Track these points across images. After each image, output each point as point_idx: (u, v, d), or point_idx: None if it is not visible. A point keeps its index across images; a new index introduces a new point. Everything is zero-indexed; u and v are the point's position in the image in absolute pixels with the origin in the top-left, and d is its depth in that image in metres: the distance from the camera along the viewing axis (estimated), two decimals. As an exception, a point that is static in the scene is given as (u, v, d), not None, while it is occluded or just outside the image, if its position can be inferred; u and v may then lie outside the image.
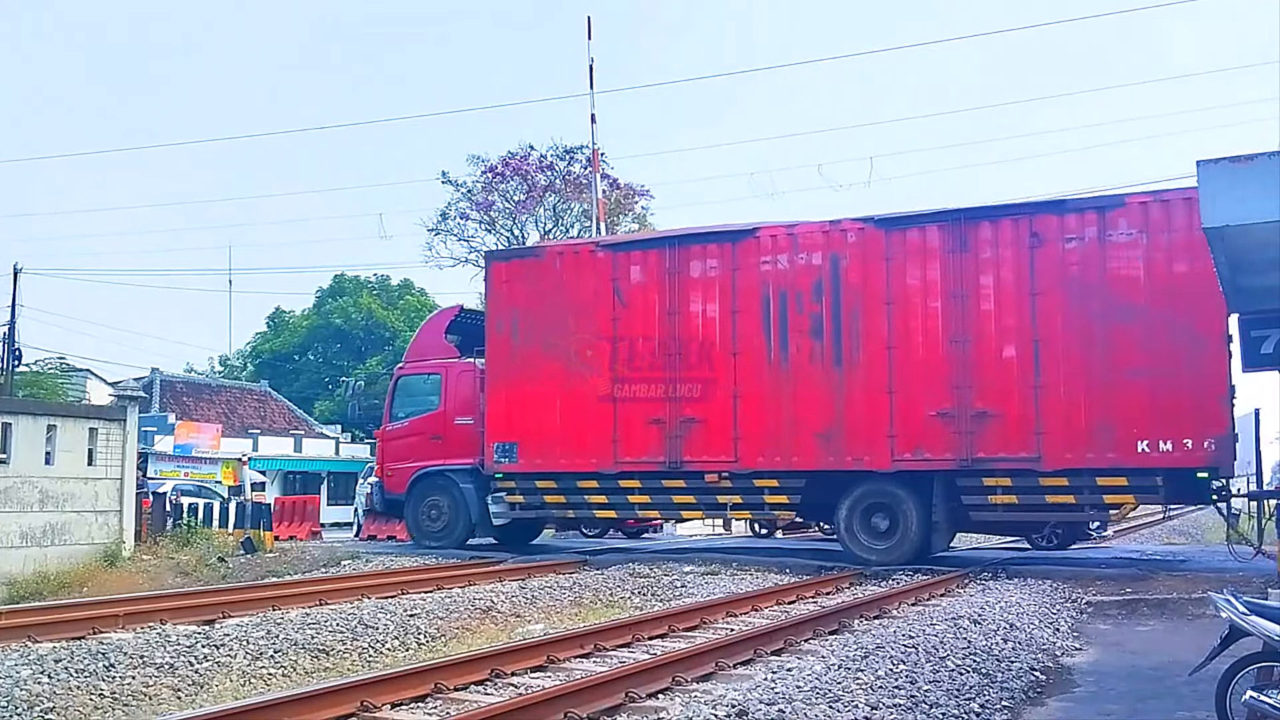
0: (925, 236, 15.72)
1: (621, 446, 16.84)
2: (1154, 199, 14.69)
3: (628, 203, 36.92)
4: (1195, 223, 12.73)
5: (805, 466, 16.07)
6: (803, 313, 16.15)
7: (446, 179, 37.80)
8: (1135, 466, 14.37)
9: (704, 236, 17.16)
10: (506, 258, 18.78)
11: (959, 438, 15.12)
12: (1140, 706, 7.41)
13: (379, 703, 6.98)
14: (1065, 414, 14.69)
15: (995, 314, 15.20)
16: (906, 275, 15.71)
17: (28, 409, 15.92)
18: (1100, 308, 14.65)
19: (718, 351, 16.59)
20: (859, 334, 15.82)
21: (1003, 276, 15.22)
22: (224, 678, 8.41)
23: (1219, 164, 7.05)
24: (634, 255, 17.58)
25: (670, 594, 13.49)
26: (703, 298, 16.80)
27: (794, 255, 16.35)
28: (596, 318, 17.37)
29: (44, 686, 7.64)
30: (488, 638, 10.53)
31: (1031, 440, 14.81)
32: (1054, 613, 11.42)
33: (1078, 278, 14.83)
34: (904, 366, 15.55)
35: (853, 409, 15.77)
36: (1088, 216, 14.96)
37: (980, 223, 15.47)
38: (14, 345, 32.96)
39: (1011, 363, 15.08)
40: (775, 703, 6.58)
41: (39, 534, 15.30)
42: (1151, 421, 14.19)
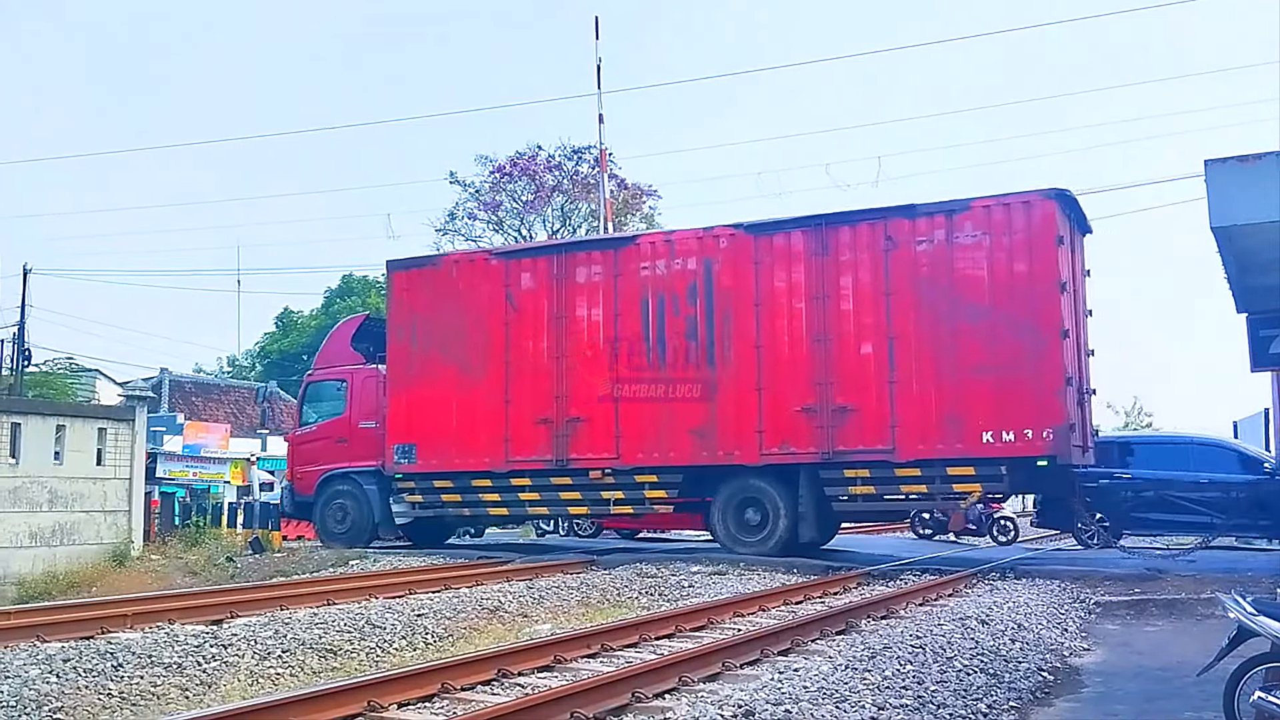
0: (790, 241, 16.45)
1: (512, 446, 17.51)
2: (996, 202, 15.39)
3: (635, 203, 36.92)
4: (1034, 225, 15.04)
5: (682, 462, 16.74)
6: (679, 315, 16.90)
7: (454, 179, 37.87)
8: (981, 456, 15.10)
9: (589, 244, 18.37)
10: (406, 267, 19.37)
11: (821, 432, 15.86)
12: (1148, 707, 7.39)
13: (386, 702, 6.99)
14: (917, 408, 15.43)
15: (854, 314, 15.95)
16: (774, 278, 16.46)
17: (37, 409, 15.97)
18: (948, 307, 15.39)
19: (601, 353, 17.32)
20: (730, 335, 16.57)
21: (860, 278, 15.96)
22: (232, 677, 8.43)
23: (1226, 163, 7.04)
24: (525, 263, 18.28)
25: (677, 594, 13.49)
26: (588, 302, 17.54)
27: (671, 261, 17.12)
28: (490, 323, 18.06)
29: (52, 686, 7.66)
30: (495, 637, 10.54)
31: (887, 433, 15.53)
32: (1062, 613, 11.39)
33: (928, 278, 15.56)
34: (771, 365, 16.27)
35: (725, 406, 16.49)
36: (936, 220, 15.65)
37: (840, 227, 16.22)
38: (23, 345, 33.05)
39: (869, 360, 15.81)
40: (782, 703, 6.58)
41: (48, 534, 15.36)
42: (995, 414, 14.96)
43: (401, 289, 19.08)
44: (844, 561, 16.09)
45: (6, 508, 14.86)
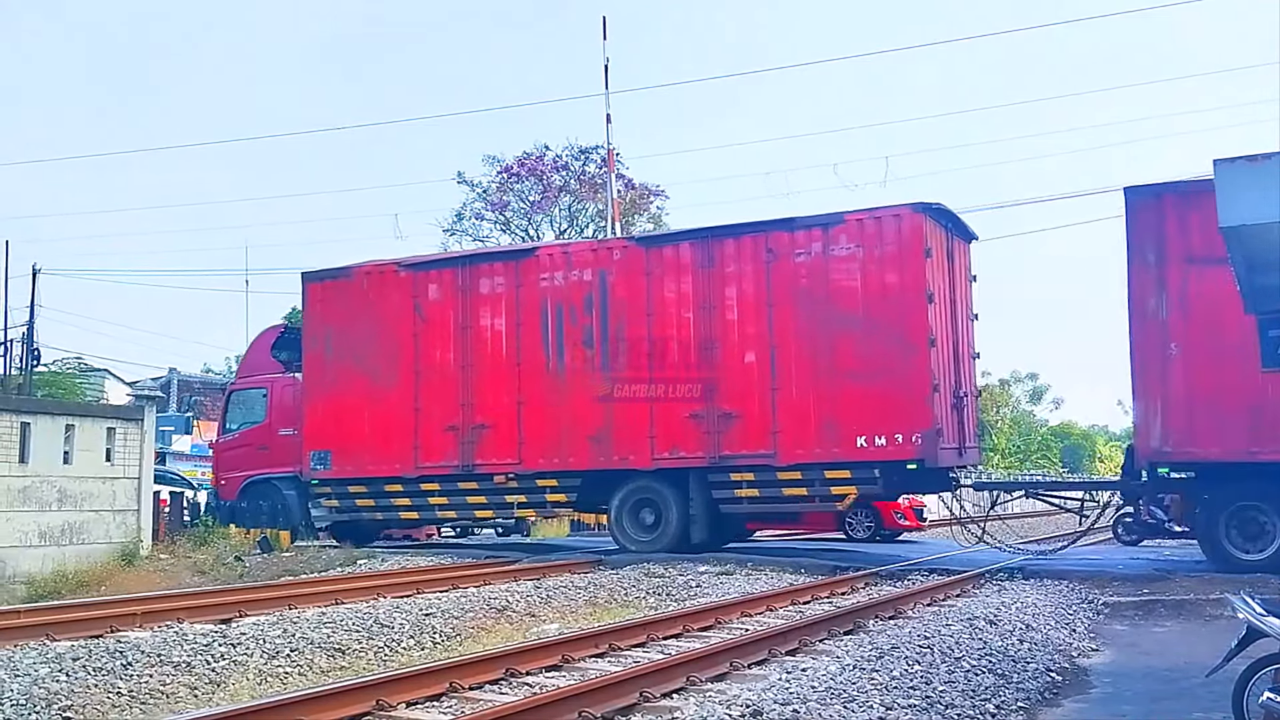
0: (679, 253, 17.17)
1: (422, 452, 18.11)
2: (868, 216, 16.11)
3: (643, 203, 36.86)
4: (903, 238, 15.77)
5: (580, 466, 17.38)
6: (576, 324, 17.55)
7: (462, 179, 37.84)
8: (856, 460, 15.83)
9: (491, 256, 19.11)
10: (320, 278, 19.79)
11: (709, 437, 16.54)
12: (1156, 708, 7.38)
13: (394, 701, 7.00)
14: (797, 414, 16.13)
15: (738, 323, 16.62)
16: (664, 289, 17.12)
17: (46, 409, 16.04)
18: (825, 316, 16.06)
19: (504, 361, 17.93)
20: (624, 343, 17.21)
21: (744, 289, 16.63)
22: (240, 676, 8.45)
23: (1235, 163, 7.00)
24: (431, 274, 18.84)
25: (685, 594, 13.49)
26: (491, 312, 18.19)
27: (569, 272, 17.79)
28: (400, 333, 18.63)
29: (62, 684, 7.69)
30: (503, 637, 10.55)
31: (769, 438, 16.23)
32: (1070, 613, 11.38)
33: (806, 289, 16.24)
34: (663, 373, 16.95)
35: (620, 412, 17.14)
36: (814, 233, 16.35)
37: (725, 240, 16.90)
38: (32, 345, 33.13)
39: (752, 367, 16.48)
40: (790, 703, 6.58)
41: (57, 533, 15.40)
42: (869, 419, 15.66)
43: (316, 300, 19.59)
44: (850, 562, 16.10)
45: (16, 507, 14.91)
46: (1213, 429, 14.13)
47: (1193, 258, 14.12)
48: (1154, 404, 14.55)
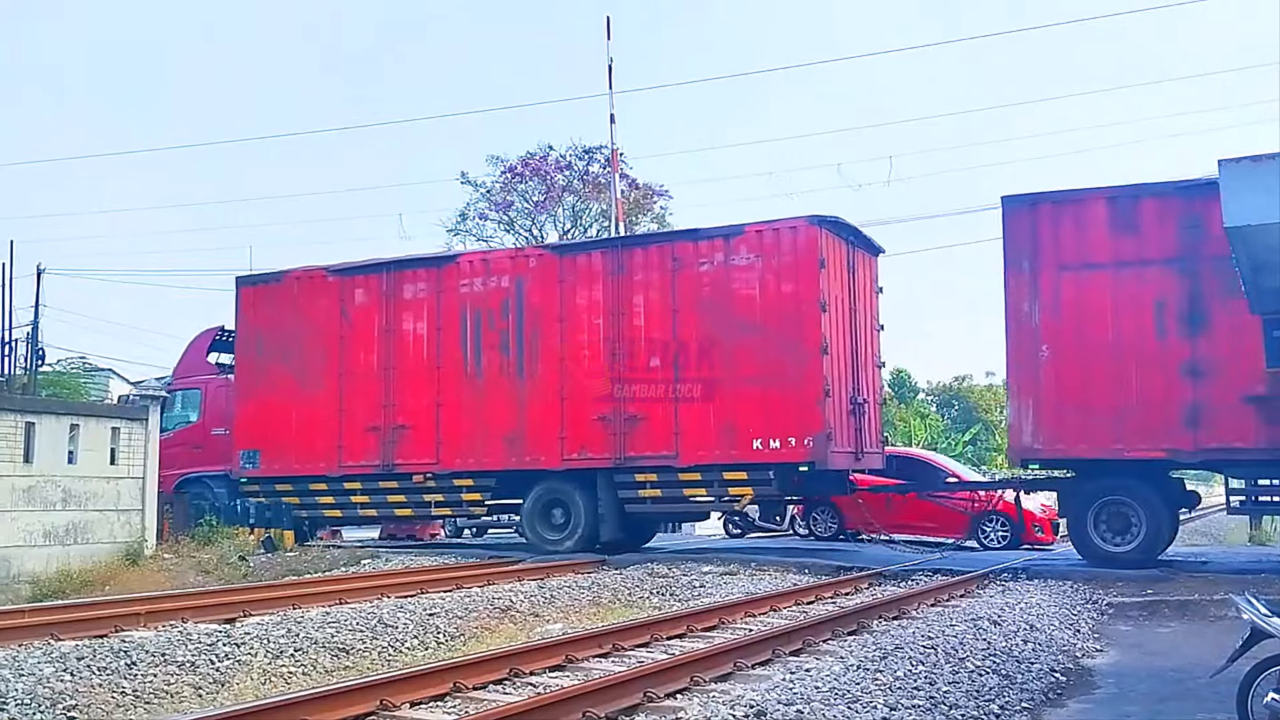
0: (591, 261, 17.92)
1: (345, 452, 18.71)
2: (767, 228, 16.80)
3: (646, 203, 36.84)
4: (799, 249, 16.50)
5: (495, 466, 18.08)
6: (493, 329, 18.25)
7: (465, 179, 37.85)
8: (752, 462, 16.46)
9: (414, 262, 19.49)
10: (253, 283, 20.54)
11: (615, 439, 17.23)
12: (1161, 708, 7.37)
13: (398, 701, 7.01)
14: (698, 417, 16.82)
15: (645, 329, 17.32)
16: (577, 295, 17.83)
17: (50, 408, 16.03)
18: (726, 323, 16.76)
19: (425, 364, 18.59)
20: (538, 348, 17.94)
21: (651, 297, 17.36)
22: (245, 676, 8.45)
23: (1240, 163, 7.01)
24: (358, 279, 19.46)
25: (688, 594, 13.49)
26: (413, 317, 18.89)
27: (487, 279, 18.49)
28: (326, 336, 19.31)
29: (66, 684, 7.70)
30: (506, 637, 10.55)
31: (672, 440, 16.92)
32: (1074, 614, 11.37)
33: (709, 297, 16.95)
34: (573, 376, 17.66)
35: (532, 414, 17.85)
36: (716, 243, 17.05)
37: (635, 249, 17.86)
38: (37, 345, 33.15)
39: (657, 372, 17.18)
40: (794, 703, 6.58)
41: (62, 532, 15.41)
42: (765, 422, 16.31)
43: (248, 304, 20.21)
44: (855, 562, 16.10)
45: (21, 507, 14.92)
46: (1080, 427, 14.80)
47: (1064, 264, 14.99)
48: (1026, 403, 15.19)
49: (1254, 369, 13.49)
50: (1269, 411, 13.82)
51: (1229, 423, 14.04)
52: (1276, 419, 13.79)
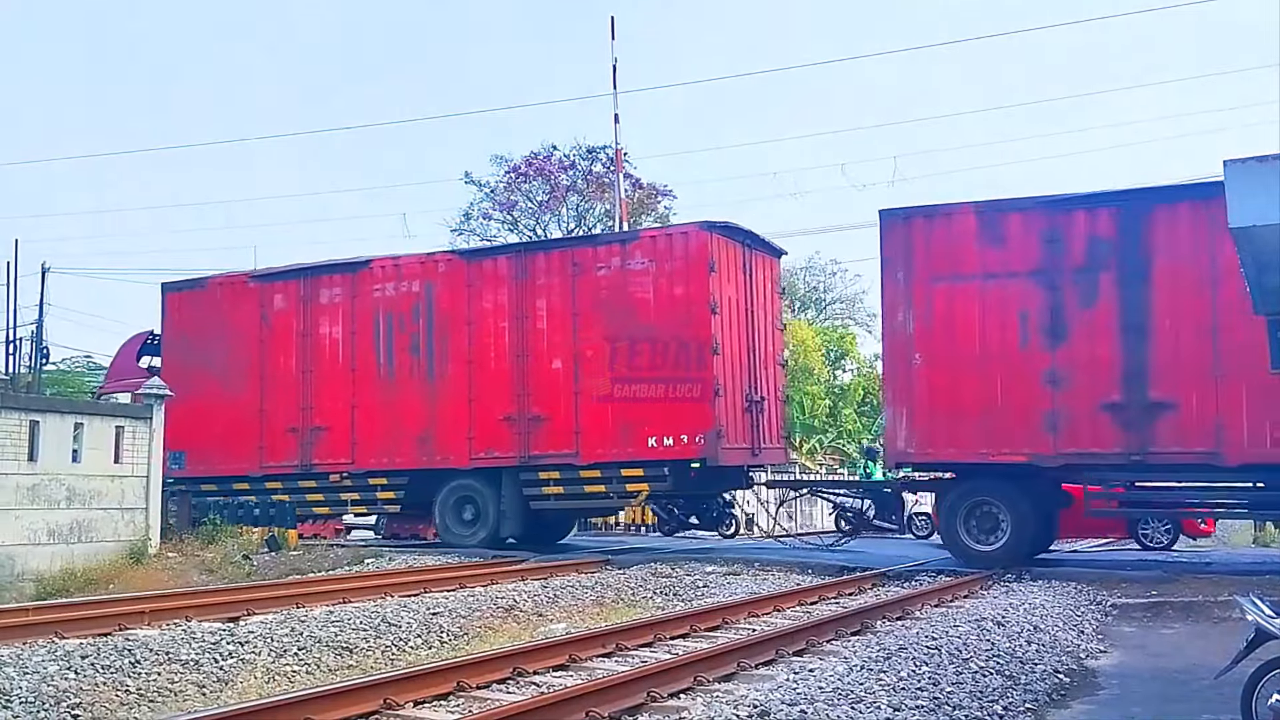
0: (497, 266, 18.63)
1: (266, 452, 19.34)
2: (661, 233, 18.12)
3: (651, 202, 36.89)
4: (690, 254, 17.27)
5: (407, 466, 18.74)
6: (405, 333, 18.97)
7: (469, 179, 37.90)
8: (647, 459, 17.20)
9: (330, 268, 20.05)
10: (178, 288, 21.25)
11: (520, 438, 17.99)
12: (1165, 709, 7.36)
13: (402, 700, 7.01)
14: (597, 416, 17.52)
15: (547, 332, 18.06)
16: (483, 300, 18.54)
17: (55, 407, 16.05)
18: (623, 325, 17.44)
19: (340, 367, 19.30)
20: (447, 350, 18.63)
21: (553, 301, 18.08)
22: (248, 674, 8.46)
23: (1245, 163, 6.99)
24: (277, 285, 20.23)
25: (692, 594, 13.49)
26: (330, 321, 19.62)
27: (399, 284, 19.23)
28: (248, 340, 20.02)
29: (70, 682, 7.71)
30: (510, 636, 10.56)
31: (572, 439, 17.64)
32: (1078, 615, 11.35)
33: (607, 301, 17.65)
34: (481, 377, 18.37)
35: (442, 415, 18.55)
36: (614, 249, 17.95)
37: (538, 254, 18.64)
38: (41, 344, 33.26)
39: (559, 373, 17.91)
40: (797, 703, 6.58)
41: (66, 531, 15.42)
42: (659, 421, 17.06)
43: (174, 309, 20.94)
44: (859, 562, 16.09)
45: (25, 505, 14.93)
46: (950, 433, 15.40)
47: (936, 275, 15.52)
48: (900, 409, 15.76)
49: (1109, 378, 14.50)
50: (1123, 418, 14.46)
51: (1086, 429, 14.66)
52: (1130, 426, 14.43)
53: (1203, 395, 14.11)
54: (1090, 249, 14.78)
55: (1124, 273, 14.55)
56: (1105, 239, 14.71)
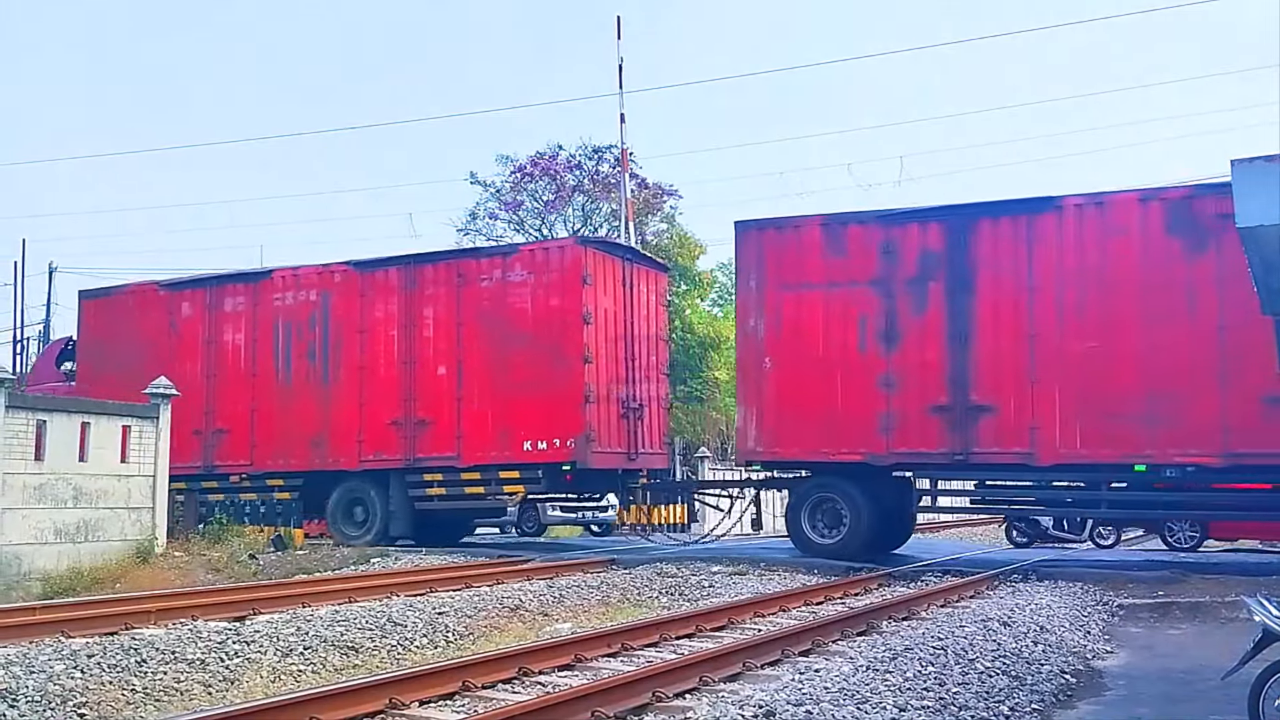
0: (388, 277, 19.43)
1: (172, 454, 18.94)
2: (539, 247, 19.11)
3: (656, 202, 36.83)
4: (565, 267, 18.19)
5: (302, 467, 19.41)
6: (302, 340, 19.80)
7: (475, 179, 37.88)
8: (523, 462, 18.09)
9: (234, 277, 21.16)
10: (94, 296, 21.98)
11: (406, 441, 18.79)
12: (1171, 710, 7.35)
13: (408, 700, 7.01)
14: (478, 421, 18.37)
15: (434, 340, 18.90)
16: (375, 309, 19.40)
17: (62, 406, 16.07)
18: (503, 334, 18.34)
19: (242, 373, 20.03)
20: (340, 358, 19.42)
21: (439, 311, 18.91)
22: (254, 674, 8.47)
23: (1253, 163, 6.97)
24: (185, 293, 21.16)
25: (698, 594, 13.48)
26: (233, 328, 20.49)
27: (297, 293, 20.08)
28: (157, 347, 20.63)
29: (77, 681, 7.72)
30: (515, 636, 10.56)
31: (454, 442, 18.46)
32: (1085, 615, 11.34)
33: (489, 311, 18.55)
34: (371, 383, 19.18)
35: (335, 419, 19.32)
36: (495, 261, 18.90)
37: (425, 266, 19.27)
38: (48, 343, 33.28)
39: (443, 379, 18.72)
40: (803, 704, 6.57)
41: (73, 530, 15.45)
42: (535, 425, 17.88)
43: (89, 315, 21.65)
44: (865, 562, 16.08)
45: (32, 504, 14.95)
46: (796, 432, 16.37)
47: (785, 284, 16.48)
48: (751, 410, 16.74)
49: (937, 382, 15.51)
50: (949, 420, 15.43)
51: (916, 430, 15.62)
52: (954, 427, 15.39)
53: (1020, 399, 15.11)
54: (922, 260, 15.72)
55: (951, 283, 15.54)
56: (935, 251, 15.65)
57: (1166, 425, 14.28)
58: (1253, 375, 13.65)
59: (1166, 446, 14.35)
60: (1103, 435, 14.68)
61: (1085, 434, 14.75)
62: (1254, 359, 13.43)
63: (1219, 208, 13.54)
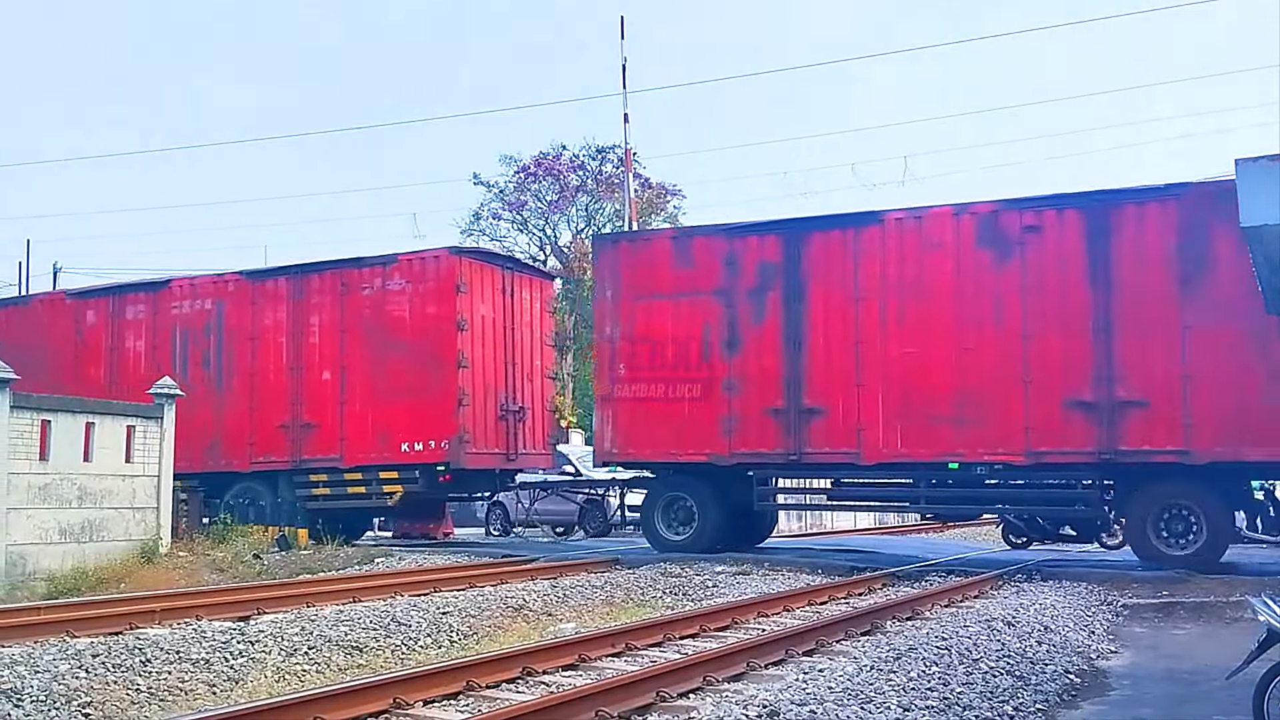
0: (277, 286, 20.20)
1: None
2: (416, 257, 19.42)
3: (660, 202, 36.89)
4: (441, 276, 19.06)
5: (199, 469, 19.64)
6: (198, 347, 20.64)
7: (479, 180, 37.92)
8: (401, 463, 18.96)
9: (136, 287, 21.93)
10: (8, 304, 23.36)
11: (293, 444, 19.59)
12: (1176, 711, 7.33)
13: (412, 699, 7.02)
14: (360, 424, 19.19)
15: (319, 346, 19.70)
16: (265, 317, 20.16)
17: (66, 406, 16.08)
18: (383, 341, 19.18)
19: (141, 379, 19.68)
20: (233, 364, 20.21)
21: (324, 318, 19.72)
22: (259, 673, 8.48)
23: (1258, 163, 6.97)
24: (90, 302, 21.96)
25: (702, 594, 13.48)
26: (134, 336, 21.26)
27: (194, 302, 20.92)
28: (64, 354, 21.49)
29: (82, 681, 7.73)
30: (519, 636, 10.56)
31: (338, 444, 19.27)
32: (1089, 615, 11.32)
33: (370, 318, 19.35)
34: (261, 388, 19.98)
35: (228, 423, 20.09)
36: (376, 270, 19.51)
37: (312, 275, 20.01)
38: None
39: (328, 384, 19.56)
40: (807, 703, 6.57)
41: (77, 530, 15.47)
42: (412, 428, 18.77)
43: (5, 324, 22.35)
44: (869, 562, 16.09)
45: (37, 504, 14.97)
46: (648, 435, 17.25)
47: (639, 294, 17.36)
48: (607, 414, 17.62)
49: (773, 386, 16.36)
50: (784, 423, 16.30)
51: (755, 432, 16.47)
52: (789, 429, 16.27)
53: (847, 403, 16.00)
54: (761, 271, 16.57)
55: (787, 293, 16.40)
56: (772, 263, 16.50)
57: (976, 426, 15.20)
58: (1053, 380, 14.79)
59: (977, 446, 15.28)
60: (921, 436, 15.58)
61: (905, 435, 15.66)
62: (1054, 364, 14.79)
63: (1025, 221, 15.11)
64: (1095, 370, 14.57)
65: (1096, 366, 14.56)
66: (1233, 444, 13.90)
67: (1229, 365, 13.90)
